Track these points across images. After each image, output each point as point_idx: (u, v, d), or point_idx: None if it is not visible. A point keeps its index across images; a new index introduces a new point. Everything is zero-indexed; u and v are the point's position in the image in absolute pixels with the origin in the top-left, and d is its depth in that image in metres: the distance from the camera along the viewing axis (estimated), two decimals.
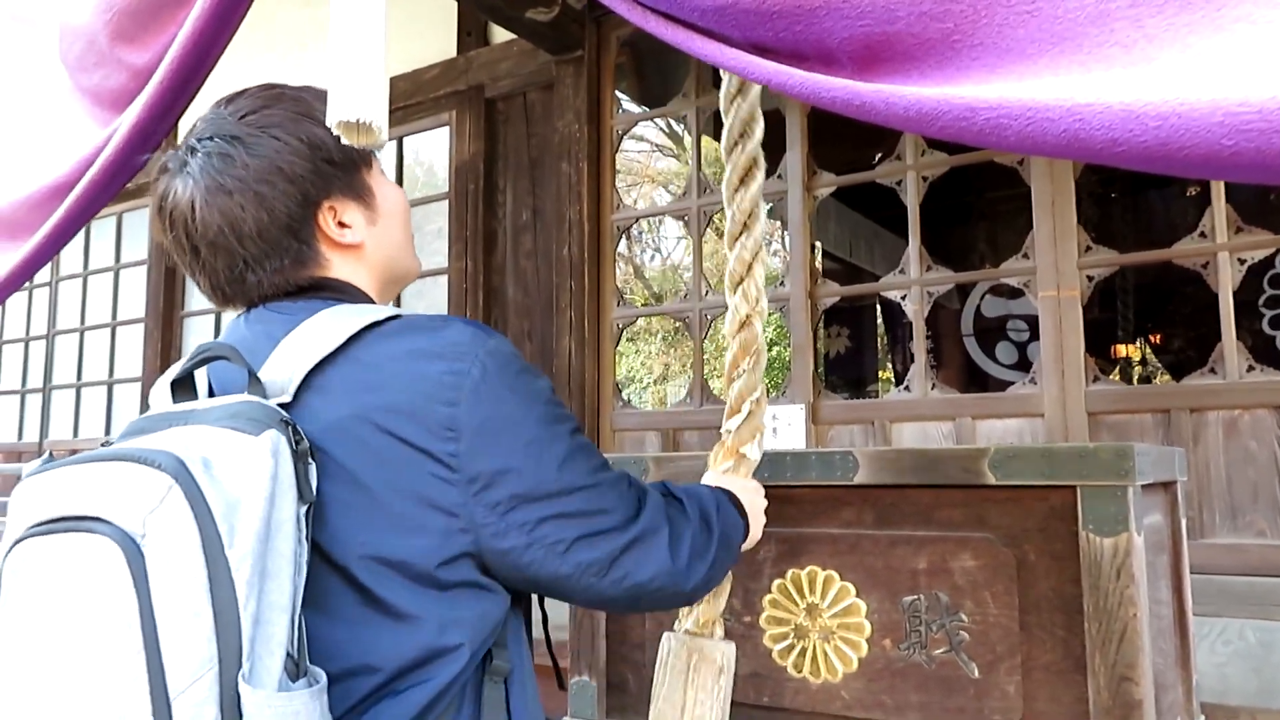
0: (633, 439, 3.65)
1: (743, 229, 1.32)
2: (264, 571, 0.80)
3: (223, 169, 0.99)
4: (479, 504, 0.93)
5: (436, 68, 4.18)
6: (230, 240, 1.00)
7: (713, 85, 3.67)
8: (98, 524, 0.78)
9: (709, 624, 1.33)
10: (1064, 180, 2.94)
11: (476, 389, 0.94)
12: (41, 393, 5.62)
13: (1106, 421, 2.83)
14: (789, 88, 0.81)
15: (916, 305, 3.17)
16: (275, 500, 0.82)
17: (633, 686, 1.65)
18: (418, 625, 0.91)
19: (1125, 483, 1.25)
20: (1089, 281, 2.91)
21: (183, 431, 0.86)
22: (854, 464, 1.44)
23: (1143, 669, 1.24)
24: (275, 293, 1.04)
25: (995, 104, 0.70)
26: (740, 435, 1.36)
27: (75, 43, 1.38)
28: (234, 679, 0.76)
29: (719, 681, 1.27)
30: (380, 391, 0.93)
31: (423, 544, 0.91)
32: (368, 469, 0.91)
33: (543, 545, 0.96)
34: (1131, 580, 1.24)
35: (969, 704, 1.35)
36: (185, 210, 1.01)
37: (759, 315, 1.35)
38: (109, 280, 5.46)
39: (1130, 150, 0.67)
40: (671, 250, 12.94)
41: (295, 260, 1.03)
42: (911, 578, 1.41)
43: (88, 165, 1.32)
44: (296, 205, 1.01)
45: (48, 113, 1.49)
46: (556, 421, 1.01)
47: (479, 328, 1.00)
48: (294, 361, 0.95)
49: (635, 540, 1.03)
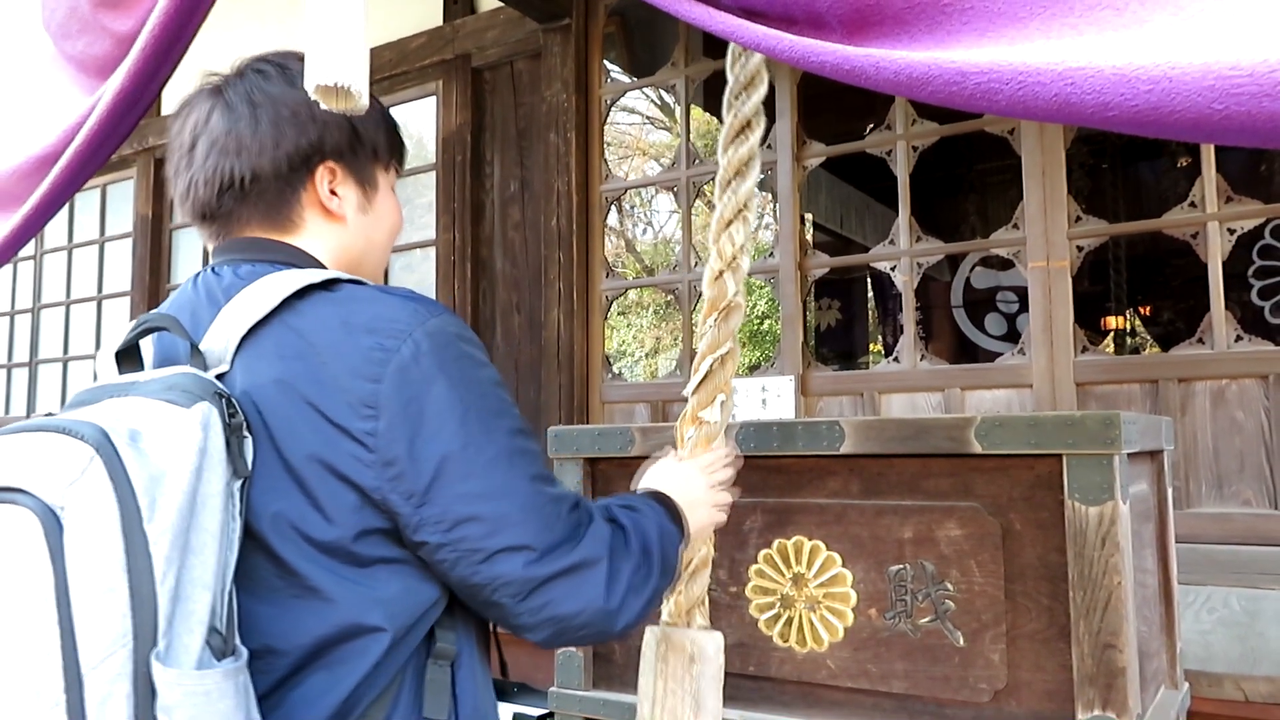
0: (622, 411, 3.65)
1: (732, 178, 1.29)
2: (186, 547, 0.78)
3: (257, 84, 1.01)
4: (393, 491, 0.89)
5: (422, 36, 4.13)
6: (230, 146, 1.00)
7: (702, 54, 3.63)
8: (20, 495, 0.77)
9: (684, 613, 1.28)
10: (1054, 150, 2.93)
11: (404, 368, 0.90)
12: (28, 367, 5.59)
13: (1095, 392, 2.83)
14: (778, 52, 0.79)
15: (906, 276, 3.16)
16: (202, 474, 0.80)
17: (618, 657, 1.65)
18: (334, 602, 0.89)
19: (1111, 451, 1.25)
20: (1079, 252, 2.90)
21: (118, 403, 0.85)
22: (840, 434, 1.44)
23: (1127, 637, 1.24)
24: (240, 231, 1.03)
25: (986, 68, 0.69)
26: (699, 398, 1.28)
27: (58, 9, 1.35)
28: (148, 656, 0.74)
29: (690, 671, 1.23)
30: (305, 360, 0.90)
31: (337, 519, 0.88)
32: (286, 437, 0.89)
33: (457, 549, 0.90)
34: (1116, 549, 1.24)
35: (954, 672, 1.36)
36: (205, 106, 1.02)
37: (732, 271, 1.29)
38: (94, 253, 5.41)
39: (1121, 114, 0.66)
40: (663, 224, 12.90)
41: (276, 200, 1.02)
42: (897, 547, 1.41)
43: (74, 134, 1.30)
44: (305, 146, 1.01)
45: (32, 82, 1.46)
46: (493, 415, 0.94)
47: (424, 304, 0.96)
48: (231, 328, 0.93)
49: (568, 570, 0.93)
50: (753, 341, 10.85)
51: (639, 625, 1.04)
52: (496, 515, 0.91)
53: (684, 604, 1.28)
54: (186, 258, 5.07)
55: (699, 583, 1.28)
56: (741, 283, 1.28)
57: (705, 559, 1.30)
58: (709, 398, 1.27)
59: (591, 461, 1.68)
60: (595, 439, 1.66)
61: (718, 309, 1.29)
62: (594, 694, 1.64)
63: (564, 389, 3.64)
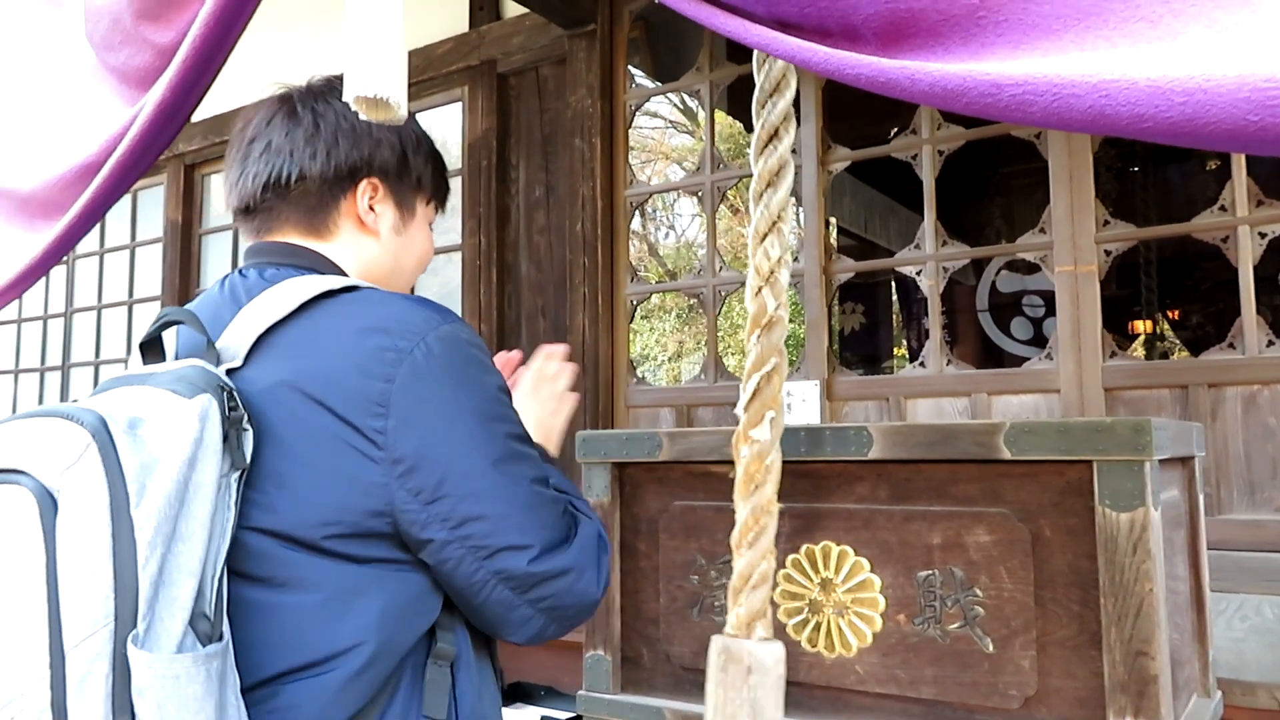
0: (647, 415, 3.66)
1: (764, 190, 1.27)
2: (173, 534, 0.81)
3: (323, 97, 1.10)
4: (401, 488, 0.91)
5: (448, 43, 4.16)
6: (285, 147, 1.06)
7: (726, 59, 3.64)
8: (20, 476, 0.80)
9: (745, 625, 1.27)
10: (1082, 154, 2.91)
11: (416, 369, 0.93)
12: (60, 370, 5.67)
13: (1124, 397, 2.81)
14: (813, 64, 0.80)
15: (932, 281, 3.15)
16: (195, 464, 0.83)
17: (647, 661, 1.66)
18: (328, 599, 0.90)
19: (1142, 458, 1.25)
20: (1107, 256, 2.88)
21: (129, 391, 0.88)
22: (868, 439, 1.44)
23: (1159, 644, 1.23)
24: (278, 229, 1.07)
25: (1021, 80, 0.70)
26: (749, 416, 1.28)
27: (101, 21, 1.39)
28: (126, 639, 0.77)
29: (748, 681, 1.24)
30: (317, 359, 0.93)
31: (337, 515, 0.90)
32: (293, 435, 0.91)
33: (463, 546, 0.93)
34: (1148, 555, 1.24)
35: (983, 678, 1.35)
36: (270, 110, 1.10)
37: (770, 285, 1.28)
38: (125, 258, 5.49)
39: (1156, 126, 0.67)
40: (686, 228, 12.90)
41: (317, 204, 1.07)
42: (926, 553, 1.41)
43: (116, 143, 1.33)
44: (355, 159, 1.07)
45: (76, 92, 1.50)
46: (496, 420, 0.98)
47: (437, 310, 0.99)
48: (248, 327, 0.96)
49: (567, 569, 1.00)
50: None
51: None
52: (500, 514, 0.95)
53: (745, 617, 1.25)
54: (216, 263, 5.13)
55: (759, 595, 1.26)
56: (782, 295, 1.27)
57: (765, 574, 1.27)
58: (758, 415, 1.26)
59: (620, 466, 1.69)
60: (623, 443, 1.67)
61: (760, 325, 1.27)
62: (622, 698, 1.65)
63: (589, 393, 3.65)
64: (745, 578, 1.26)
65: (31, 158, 1.50)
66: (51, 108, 1.54)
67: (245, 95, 4.41)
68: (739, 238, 12.06)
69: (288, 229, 1.09)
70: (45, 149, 1.50)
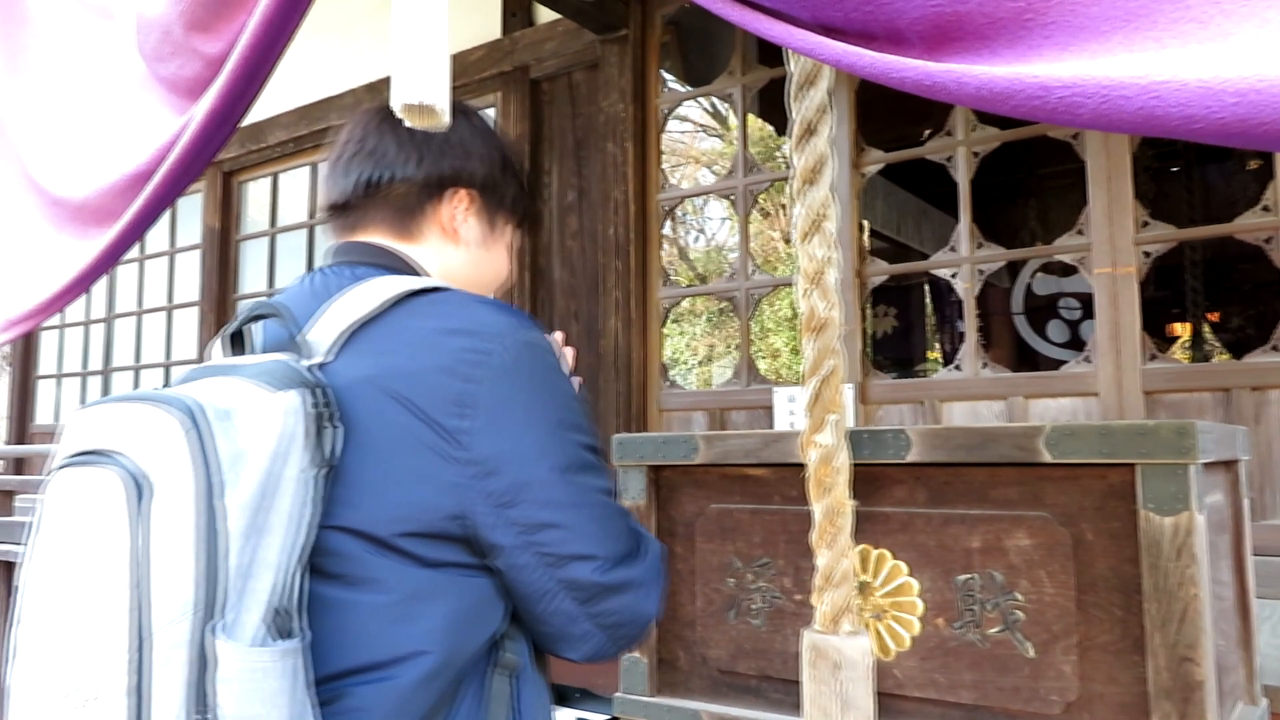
0: (679, 419, 3.66)
1: (804, 187, 1.24)
2: (258, 526, 0.81)
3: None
4: (477, 491, 0.91)
5: (482, 49, 4.19)
6: (384, 152, 1.10)
7: (758, 62, 3.64)
8: (111, 458, 0.81)
9: (830, 621, 1.29)
10: (1120, 154, 2.88)
11: (501, 371, 0.94)
12: (102, 374, 5.77)
13: (1164, 400, 2.77)
14: (858, 68, 0.80)
15: (967, 283, 3.13)
16: (282, 458, 0.84)
17: (683, 663, 1.66)
18: (398, 601, 0.90)
19: (1187, 461, 1.23)
20: (1145, 258, 2.84)
21: (218, 381, 0.88)
22: (906, 442, 1.43)
23: (1204, 650, 1.22)
24: (366, 228, 1.10)
25: (1070, 82, 0.69)
26: (811, 421, 1.27)
27: (151, 33, 1.42)
28: (210, 627, 0.77)
29: (836, 676, 1.25)
30: (400, 356, 0.94)
31: (413, 516, 0.91)
32: (374, 432, 0.91)
33: (536, 551, 0.93)
34: (1193, 560, 1.22)
35: (1024, 683, 1.34)
36: (375, 118, 1.14)
37: (818, 286, 1.25)
38: (165, 265, 5.58)
39: (1208, 127, 0.66)
40: (715, 231, 12.89)
41: (407, 207, 1.10)
42: (965, 556, 1.40)
43: (167, 152, 1.37)
44: (449, 170, 1.11)
45: (126, 103, 1.53)
46: (571, 429, 0.98)
47: (521, 318, 1.00)
48: (335, 323, 0.97)
49: (632, 583, 0.99)
50: None
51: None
52: (572, 523, 0.95)
53: (829, 613, 1.28)
54: (253, 268, 5.20)
55: (842, 592, 1.28)
56: (831, 296, 1.25)
57: (846, 571, 1.29)
58: (820, 420, 1.26)
59: (655, 469, 1.70)
60: (660, 446, 1.67)
61: (811, 328, 1.26)
62: (659, 700, 1.65)
63: (621, 397, 3.66)
64: (827, 576, 1.28)
65: (84, 167, 1.53)
66: (103, 118, 1.58)
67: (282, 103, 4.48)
68: (769, 241, 12.03)
69: (376, 229, 1.11)
70: (97, 159, 1.53)
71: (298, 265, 5.00)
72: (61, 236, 1.56)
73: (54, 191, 1.56)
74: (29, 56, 1.63)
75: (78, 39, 1.60)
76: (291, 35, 1.27)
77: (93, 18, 1.60)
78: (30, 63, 1.64)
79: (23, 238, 1.60)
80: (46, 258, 1.55)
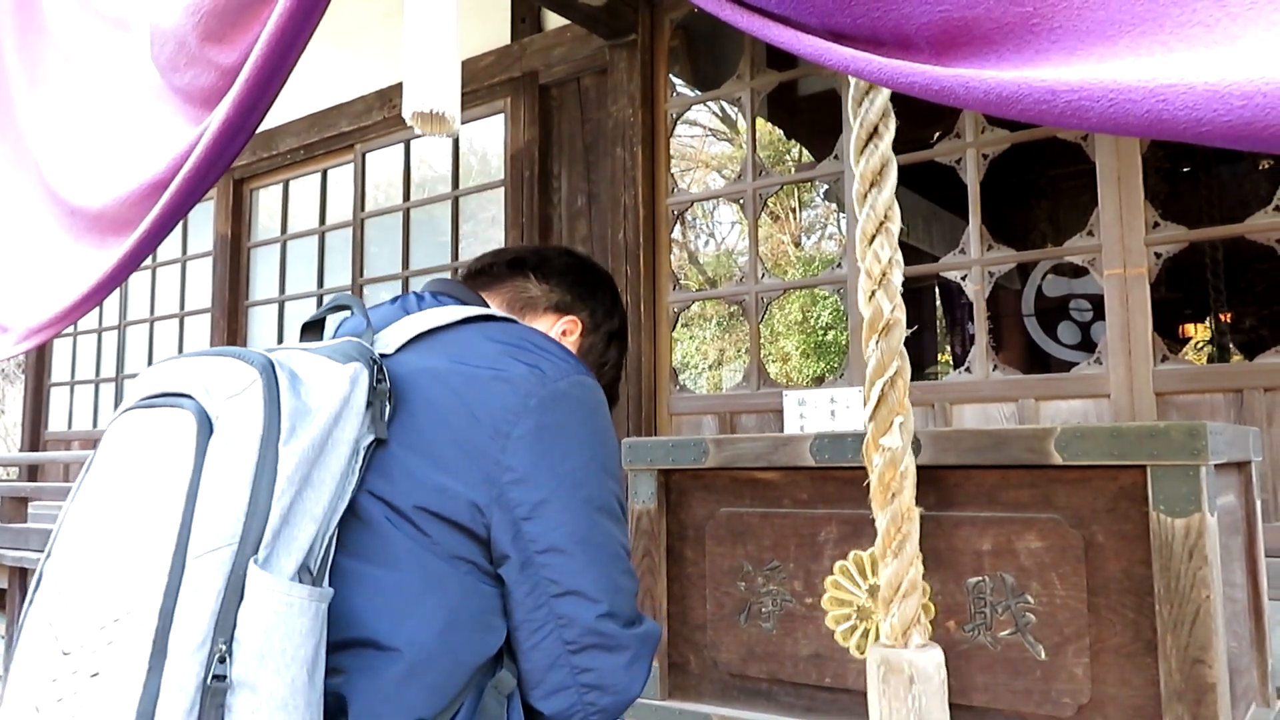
0: (689, 422, 3.66)
1: (868, 190, 1.24)
2: (307, 479, 0.85)
3: (563, 259, 1.30)
4: (502, 494, 0.93)
5: (491, 55, 4.21)
6: (528, 262, 1.26)
7: (767, 66, 3.64)
8: (187, 400, 0.85)
9: (899, 635, 1.26)
10: (1130, 155, 2.87)
11: (556, 396, 0.98)
12: (115, 381, 5.81)
13: (1176, 402, 2.76)
14: (867, 73, 0.81)
15: (977, 285, 3.12)
16: (340, 419, 0.88)
17: (694, 667, 1.66)
18: (405, 581, 0.92)
19: (1198, 462, 1.23)
20: (1157, 259, 2.84)
21: (291, 352, 0.94)
22: (917, 445, 1.43)
23: (1216, 652, 1.21)
24: (483, 292, 1.21)
25: (1077, 86, 0.70)
26: (876, 424, 1.25)
27: (166, 44, 1.44)
28: (246, 561, 0.79)
29: (910, 691, 1.22)
30: (463, 358, 0.99)
31: (440, 495, 0.93)
32: (424, 415, 0.96)
33: (539, 574, 0.94)
34: (1205, 562, 1.22)
35: (1035, 686, 1.34)
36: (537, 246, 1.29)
37: (884, 287, 1.23)
38: (177, 272, 5.61)
39: (1215, 129, 0.66)
40: (725, 235, 12.89)
41: (529, 304, 1.23)
42: (976, 559, 1.40)
43: (183, 161, 1.39)
44: (574, 298, 1.25)
45: (142, 113, 1.56)
46: (609, 476, 1.01)
47: (582, 363, 1.07)
48: (408, 330, 1.04)
49: (623, 648, 0.98)
50: (818, 353, 10.77)
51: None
52: (585, 560, 0.96)
53: (899, 625, 1.25)
54: (264, 275, 5.23)
55: (910, 603, 1.25)
56: (896, 297, 1.24)
57: (915, 580, 1.26)
58: (886, 422, 1.24)
59: (666, 473, 1.70)
60: (670, 450, 1.68)
61: (877, 329, 1.24)
62: (670, 704, 1.66)
63: (632, 401, 3.66)
64: (894, 587, 1.25)
65: (101, 177, 1.55)
66: (119, 128, 1.60)
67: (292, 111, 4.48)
68: (779, 244, 12.02)
69: (496, 300, 1.22)
70: (114, 168, 1.55)
71: (308, 271, 5.03)
72: (80, 245, 1.58)
73: (72, 201, 1.58)
74: (47, 67, 1.66)
75: (94, 50, 1.62)
76: (305, 45, 1.29)
77: (109, 29, 1.62)
78: (48, 74, 1.66)
79: (42, 247, 1.63)
80: (65, 266, 1.58)
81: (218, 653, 0.77)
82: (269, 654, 0.79)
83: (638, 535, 1.69)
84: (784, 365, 11.32)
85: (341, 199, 4.92)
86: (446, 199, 4.47)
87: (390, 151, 4.72)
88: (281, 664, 0.80)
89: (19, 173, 1.68)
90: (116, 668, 0.77)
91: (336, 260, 4.92)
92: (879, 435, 1.25)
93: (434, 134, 0.95)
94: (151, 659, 0.76)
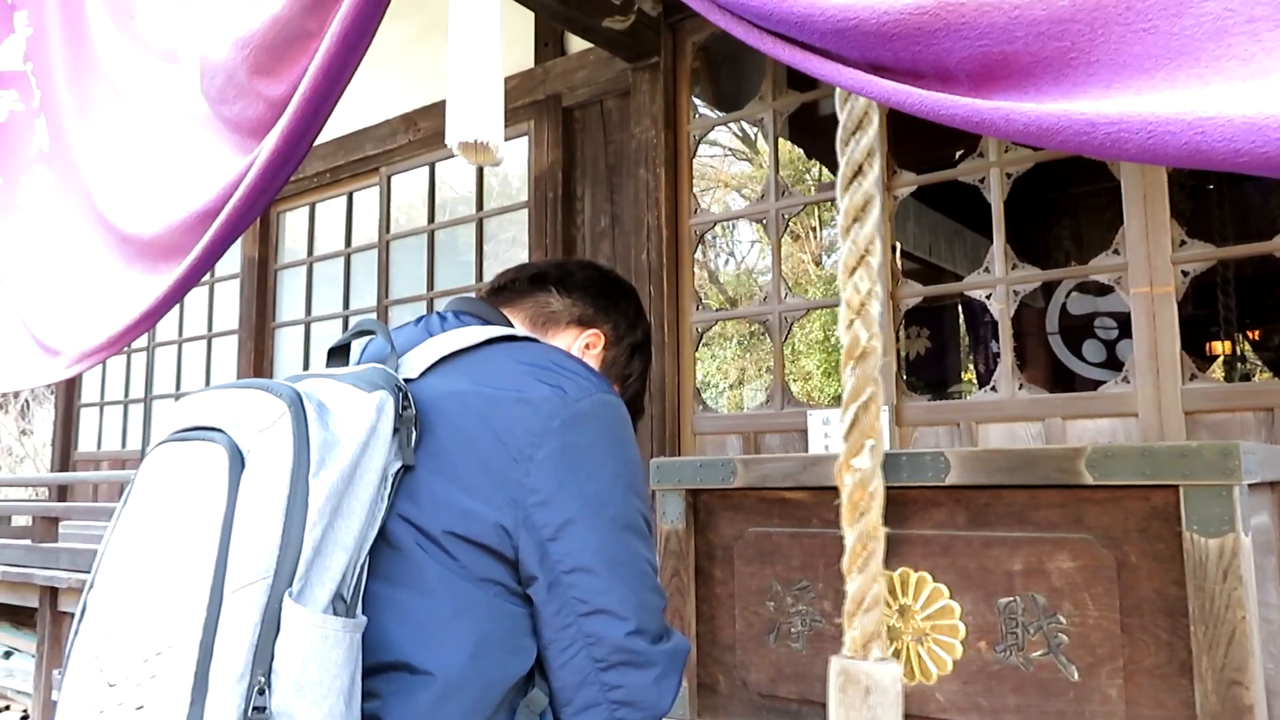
0: (713, 442, 3.66)
1: (851, 225, 1.29)
2: (338, 509, 0.86)
3: (581, 272, 1.31)
4: (530, 516, 0.94)
5: (515, 79, 4.25)
6: (550, 277, 1.27)
7: (789, 87, 3.66)
8: (218, 434, 0.87)
9: (860, 647, 1.28)
10: (1155, 173, 2.86)
11: (579, 415, 0.99)
12: (144, 402, 5.87)
13: (1205, 421, 2.74)
14: (908, 105, 0.83)
15: (1002, 304, 3.11)
16: (368, 449, 0.90)
17: (723, 687, 1.66)
18: (437, 606, 0.93)
19: (1231, 482, 1.23)
20: (1184, 277, 2.82)
21: (317, 382, 0.95)
22: (946, 465, 1.43)
23: (1253, 673, 1.20)
24: (505, 308, 1.22)
25: (1116, 118, 0.71)
26: (849, 446, 1.30)
27: (216, 77, 1.48)
28: (281, 595, 0.81)
29: (867, 702, 1.24)
30: (488, 382, 1.00)
31: (467, 519, 0.94)
32: (450, 439, 0.97)
33: (567, 594, 0.94)
34: (1239, 582, 1.21)
35: (1069, 707, 1.33)
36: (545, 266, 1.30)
37: (862, 317, 1.29)
38: (204, 294, 5.68)
39: (1253, 160, 0.68)
40: (745, 255, 12.90)
41: (551, 319, 1.24)
42: (1007, 579, 1.40)
43: (233, 190, 1.42)
44: (596, 311, 1.26)
45: (193, 143, 1.60)
46: (634, 494, 1.02)
47: (604, 380, 1.07)
48: (431, 352, 1.05)
49: (652, 664, 0.98)
50: (840, 372, 10.73)
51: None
52: (612, 578, 0.97)
53: (859, 639, 1.27)
54: (291, 297, 5.28)
55: (872, 617, 1.27)
56: (873, 326, 1.29)
57: (877, 596, 1.28)
58: (858, 444, 1.29)
59: (694, 493, 1.71)
60: (698, 470, 1.69)
61: (854, 356, 1.30)
62: None
63: (655, 420, 3.67)
64: (858, 601, 1.28)
65: (152, 205, 1.59)
66: (170, 158, 1.64)
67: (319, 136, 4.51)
68: (800, 264, 12.01)
69: (518, 316, 1.22)
70: (165, 197, 1.59)
71: (334, 294, 5.08)
72: (131, 272, 1.61)
73: (124, 228, 1.62)
74: (98, 99, 1.70)
75: (145, 82, 1.66)
76: (350, 77, 1.32)
77: (159, 62, 1.66)
78: (99, 105, 1.70)
79: (93, 273, 1.67)
80: (116, 292, 1.61)
81: (257, 685, 0.79)
82: (306, 685, 0.81)
83: (666, 555, 1.69)
84: (805, 384, 11.29)
85: (367, 221, 4.97)
86: (471, 220, 4.51)
87: (415, 174, 4.77)
88: (319, 695, 0.81)
89: (72, 201, 1.72)
90: (160, 701, 0.78)
91: (362, 282, 4.96)
92: (850, 457, 1.29)
93: (478, 163, 0.97)
94: (194, 692, 0.78)
